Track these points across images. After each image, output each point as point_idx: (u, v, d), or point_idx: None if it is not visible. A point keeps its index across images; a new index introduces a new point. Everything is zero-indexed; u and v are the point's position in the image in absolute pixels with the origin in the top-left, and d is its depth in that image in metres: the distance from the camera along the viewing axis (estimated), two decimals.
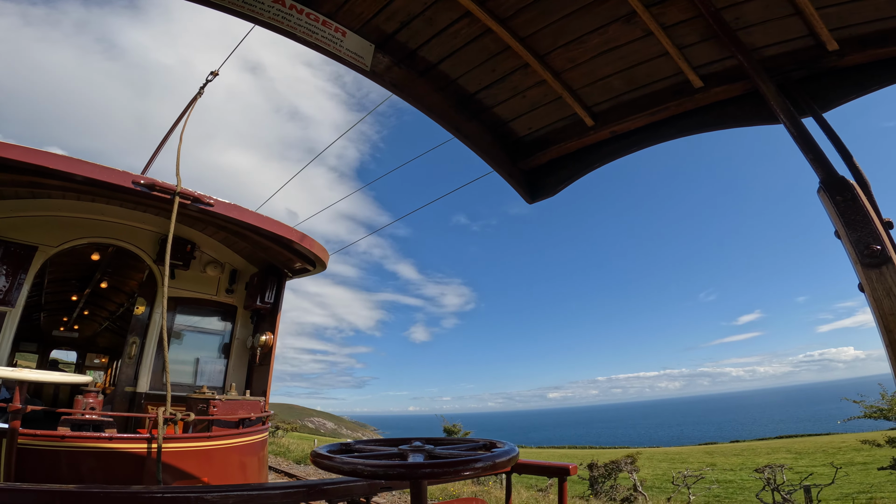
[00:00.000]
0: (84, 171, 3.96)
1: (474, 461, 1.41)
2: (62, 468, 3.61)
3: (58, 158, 3.85)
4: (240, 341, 6.33)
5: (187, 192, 4.45)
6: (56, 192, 4.96)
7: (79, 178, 3.99)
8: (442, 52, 2.81)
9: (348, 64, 2.68)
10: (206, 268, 6.14)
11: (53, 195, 5.02)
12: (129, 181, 4.19)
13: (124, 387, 5.53)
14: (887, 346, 1.53)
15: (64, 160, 3.89)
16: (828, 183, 1.80)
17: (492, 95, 3.09)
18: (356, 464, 1.41)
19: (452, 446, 1.79)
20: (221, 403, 4.70)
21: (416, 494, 1.59)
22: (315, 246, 5.55)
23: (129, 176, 4.21)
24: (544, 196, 3.36)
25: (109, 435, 3.82)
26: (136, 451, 3.86)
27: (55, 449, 3.60)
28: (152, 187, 4.28)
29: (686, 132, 2.70)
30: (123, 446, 3.83)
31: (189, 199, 4.47)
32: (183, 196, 4.40)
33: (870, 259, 1.62)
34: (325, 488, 2.27)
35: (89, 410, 4.02)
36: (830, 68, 2.18)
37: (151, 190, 4.28)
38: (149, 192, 4.27)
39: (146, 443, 3.90)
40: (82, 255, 7.71)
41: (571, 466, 2.89)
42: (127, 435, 3.92)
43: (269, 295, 6.03)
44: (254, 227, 5.06)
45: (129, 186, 4.19)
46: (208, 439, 4.39)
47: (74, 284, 10.37)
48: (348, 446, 1.84)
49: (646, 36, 2.52)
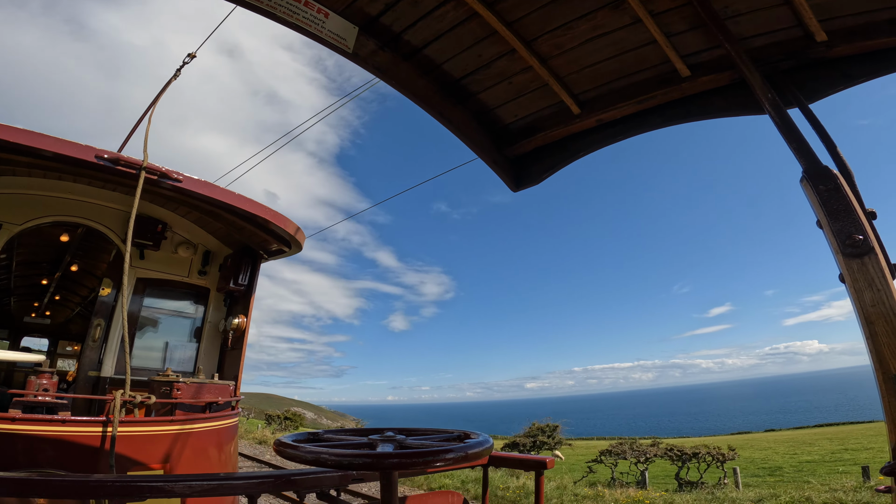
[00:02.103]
0: (46, 144, 3.77)
1: (445, 452, 1.35)
2: (14, 452, 3.45)
3: (20, 132, 3.67)
4: (212, 325, 6.15)
5: (154, 168, 4.25)
6: (21, 170, 4.75)
7: (44, 154, 3.81)
8: (427, 35, 2.73)
9: (331, 46, 2.58)
10: (178, 248, 5.93)
11: (18, 172, 4.80)
12: (93, 155, 4.00)
13: (87, 371, 5.31)
14: (867, 337, 1.53)
15: (27, 134, 3.71)
16: (811, 172, 1.79)
17: (477, 81, 3.03)
18: (320, 453, 1.34)
19: (425, 437, 1.74)
20: (186, 386, 4.51)
21: (385, 486, 1.53)
22: (290, 225, 5.40)
23: (93, 150, 4.03)
24: (529, 184, 3.31)
25: (62, 418, 3.64)
26: (90, 434, 3.68)
27: (4, 432, 3.42)
28: (116, 162, 4.08)
29: (672, 121, 2.67)
30: (77, 430, 3.65)
31: (156, 175, 4.27)
32: (149, 171, 4.20)
33: (851, 249, 1.61)
34: (295, 479, 2.19)
35: (42, 392, 3.84)
36: (818, 59, 2.17)
37: (116, 164, 4.08)
38: (113, 166, 4.07)
39: (101, 426, 3.72)
40: (51, 236, 7.40)
41: (548, 460, 2.88)
42: (81, 418, 3.74)
43: (243, 277, 5.84)
44: (226, 206, 4.88)
45: (93, 161, 4.00)
46: (170, 424, 4.22)
47: (45, 267, 10.01)
48: (316, 435, 1.76)
49: (634, 23, 2.48)
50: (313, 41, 2.57)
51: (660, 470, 16.72)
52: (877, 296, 1.54)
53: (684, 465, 14.48)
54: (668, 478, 15.35)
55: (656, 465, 16.10)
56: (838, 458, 17.64)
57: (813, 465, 17.07)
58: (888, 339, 1.51)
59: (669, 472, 15.39)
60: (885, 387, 1.53)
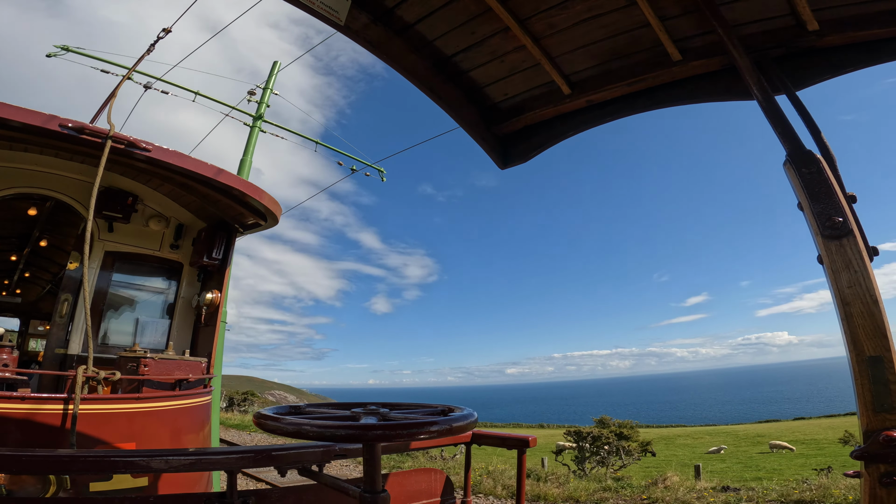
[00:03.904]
0: (9, 114, 3.61)
1: (430, 424, 1.35)
2: None
3: None
4: (185, 300, 6.00)
5: (120, 136, 4.07)
6: None
7: (9, 124, 3.65)
8: (421, 11, 2.66)
9: (322, 18, 2.49)
10: (149, 222, 5.74)
11: None
12: (56, 124, 3.83)
13: (55, 348, 5.13)
14: (843, 318, 1.57)
15: None
16: (794, 156, 1.82)
17: (469, 59, 2.99)
18: (301, 424, 1.32)
19: (409, 410, 1.74)
20: (154, 363, 4.39)
21: (368, 459, 1.53)
22: (265, 197, 5.27)
23: (57, 119, 3.85)
24: (517, 162, 3.32)
25: (21, 395, 3.52)
26: (51, 412, 3.56)
27: None
28: (81, 130, 3.91)
29: (661, 104, 2.69)
30: (37, 407, 3.53)
31: (122, 144, 4.10)
32: (116, 140, 4.03)
33: (831, 231, 1.65)
34: (275, 454, 2.17)
35: (1, 367, 3.72)
36: (808, 48, 2.20)
37: (80, 133, 3.91)
38: (77, 135, 3.91)
39: (63, 404, 3.60)
40: (18, 210, 7.07)
41: (531, 438, 2.92)
42: (41, 395, 3.63)
43: (217, 251, 5.68)
44: (200, 177, 4.73)
45: (56, 130, 3.83)
46: (136, 401, 4.11)
47: (13, 243, 9.57)
48: (298, 409, 1.74)
49: (629, 5, 2.47)
50: (304, 13, 2.48)
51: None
52: (854, 277, 1.58)
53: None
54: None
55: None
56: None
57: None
58: (863, 321, 1.56)
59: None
60: (858, 368, 1.58)
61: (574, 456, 15.98)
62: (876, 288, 1.60)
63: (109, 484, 3.60)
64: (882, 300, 1.60)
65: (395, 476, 2.83)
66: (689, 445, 25.29)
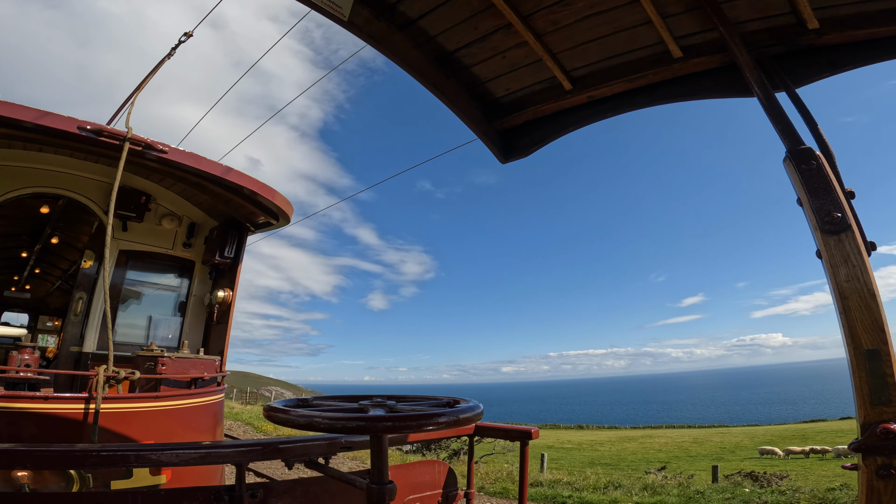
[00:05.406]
0: (28, 116, 3.69)
1: (437, 415, 1.37)
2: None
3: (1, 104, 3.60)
4: (197, 298, 6.08)
5: (138, 139, 4.17)
6: (1, 141, 4.63)
7: (24, 125, 3.73)
8: (423, 6, 2.69)
9: (325, 13, 2.52)
10: (162, 220, 5.82)
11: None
12: (75, 127, 3.93)
13: (70, 346, 5.24)
14: (840, 312, 1.59)
15: (7, 106, 3.64)
16: (794, 152, 1.84)
17: (471, 54, 3.01)
18: (312, 416, 1.34)
19: (415, 402, 1.76)
20: (171, 362, 4.48)
21: (376, 450, 1.55)
22: (277, 197, 5.35)
23: (76, 122, 3.96)
24: (518, 156, 3.35)
25: (45, 395, 3.60)
26: (73, 411, 3.65)
27: None
28: (99, 133, 4.02)
29: (661, 101, 2.71)
30: (60, 406, 3.62)
31: (140, 146, 4.19)
32: (134, 142, 4.12)
33: (829, 226, 1.67)
34: (282, 447, 2.20)
35: (24, 368, 3.75)
36: (808, 46, 2.21)
37: (98, 136, 4.01)
38: (96, 137, 4.01)
39: (84, 403, 3.68)
40: (31, 208, 7.20)
41: (533, 430, 2.95)
42: (63, 395, 3.71)
43: (229, 250, 5.77)
44: (213, 177, 4.81)
45: (75, 132, 3.93)
46: (155, 400, 4.20)
47: (24, 240, 9.77)
48: (306, 401, 1.76)
49: (631, 3, 2.49)
50: (306, 6, 2.50)
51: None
52: (851, 271, 1.61)
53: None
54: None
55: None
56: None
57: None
58: (861, 315, 1.58)
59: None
60: (856, 362, 1.60)
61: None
62: (874, 282, 1.62)
63: (130, 482, 3.64)
64: (879, 294, 1.63)
65: (399, 468, 2.86)
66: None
